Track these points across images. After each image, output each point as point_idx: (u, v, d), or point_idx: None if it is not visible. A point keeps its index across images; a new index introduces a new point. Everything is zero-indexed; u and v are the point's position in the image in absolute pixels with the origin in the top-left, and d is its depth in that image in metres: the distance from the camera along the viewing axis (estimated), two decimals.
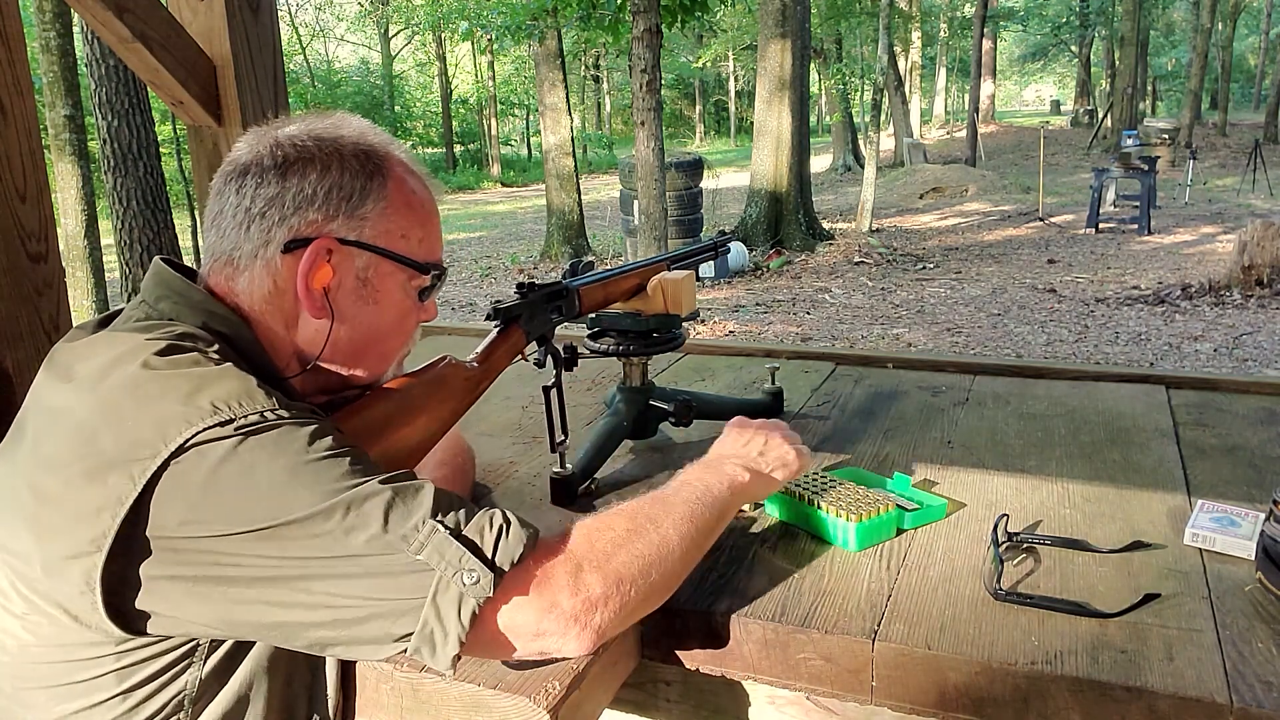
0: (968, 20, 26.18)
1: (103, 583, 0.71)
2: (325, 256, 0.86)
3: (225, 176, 0.88)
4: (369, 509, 0.74)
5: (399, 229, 0.89)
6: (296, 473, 0.74)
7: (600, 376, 2.00)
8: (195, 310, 0.85)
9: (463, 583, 0.75)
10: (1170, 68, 36.05)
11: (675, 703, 1.19)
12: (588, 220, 12.92)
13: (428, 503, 0.77)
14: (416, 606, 0.74)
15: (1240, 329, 6.46)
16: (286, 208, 0.85)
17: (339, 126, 0.90)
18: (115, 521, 0.71)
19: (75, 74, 6.66)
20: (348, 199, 0.86)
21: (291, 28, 29.68)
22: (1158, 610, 1.02)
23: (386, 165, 0.89)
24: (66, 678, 0.76)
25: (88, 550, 0.71)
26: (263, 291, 0.87)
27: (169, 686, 0.78)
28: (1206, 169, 17.00)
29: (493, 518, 0.80)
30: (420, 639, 0.75)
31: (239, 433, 0.74)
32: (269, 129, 0.89)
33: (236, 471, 0.72)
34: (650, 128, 7.25)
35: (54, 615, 0.74)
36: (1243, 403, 1.71)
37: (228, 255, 0.87)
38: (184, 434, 0.72)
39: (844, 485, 1.29)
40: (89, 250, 6.70)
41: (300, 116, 0.92)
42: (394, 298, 0.91)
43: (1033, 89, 56.09)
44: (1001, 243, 11.44)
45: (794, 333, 7.22)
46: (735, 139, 36.02)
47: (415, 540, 0.74)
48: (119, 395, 0.76)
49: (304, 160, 0.85)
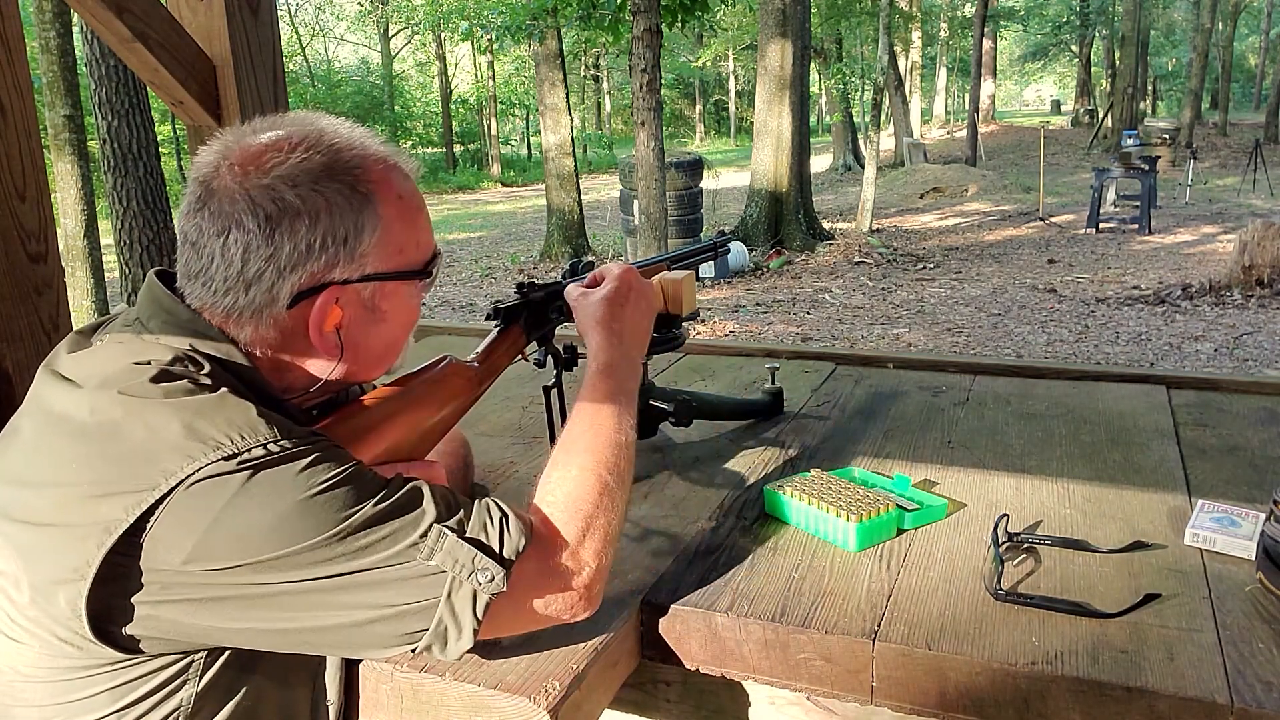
0: (968, 20, 26.18)
1: (88, 609, 0.70)
2: (332, 302, 0.83)
3: (197, 220, 0.81)
4: (377, 529, 0.75)
5: (396, 246, 0.86)
6: (303, 507, 0.73)
7: None
8: (184, 330, 0.82)
9: (478, 581, 0.77)
10: (1170, 67, 36.07)
11: (675, 703, 1.18)
12: (588, 220, 12.91)
13: (431, 509, 0.78)
14: (430, 606, 0.76)
15: (1241, 329, 6.46)
16: (284, 267, 0.80)
17: (304, 149, 0.81)
18: (101, 551, 0.70)
19: (75, 74, 6.66)
20: (344, 242, 0.82)
21: (291, 28, 29.70)
22: (1158, 610, 1.02)
23: (371, 186, 0.83)
24: (60, 697, 0.75)
25: (71, 577, 0.70)
26: (268, 339, 0.84)
27: (164, 704, 0.77)
28: (1207, 169, 17.00)
29: (490, 510, 0.81)
30: (434, 636, 0.77)
31: (243, 468, 0.72)
32: (234, 148, 0.83)
33: (243, 509, 0.71)
34: (650, 128, 7.26)
35: (45, 638, 0.73)
36: (1243, 403, 1.71)
37: (222, 309, 0.82)
38: (185, 469, 0.71)
39: (844, 485, 1.29)
40: (89, 250, 6.70)
41: (265, 124, 0.85)
42: (401, 307, 0.90)
43: (1033, 89, 56.11)
44: (1002, 243, 11.44)
45: (794, 333, 7.22)
46: (735, 139, 36.03)
47: (425, 547, 0.76)
48: (113, 423, 0.74)
49: (289, 215, 0.79)
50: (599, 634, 1.01)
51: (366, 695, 1.01)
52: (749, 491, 1.39)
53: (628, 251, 10.59)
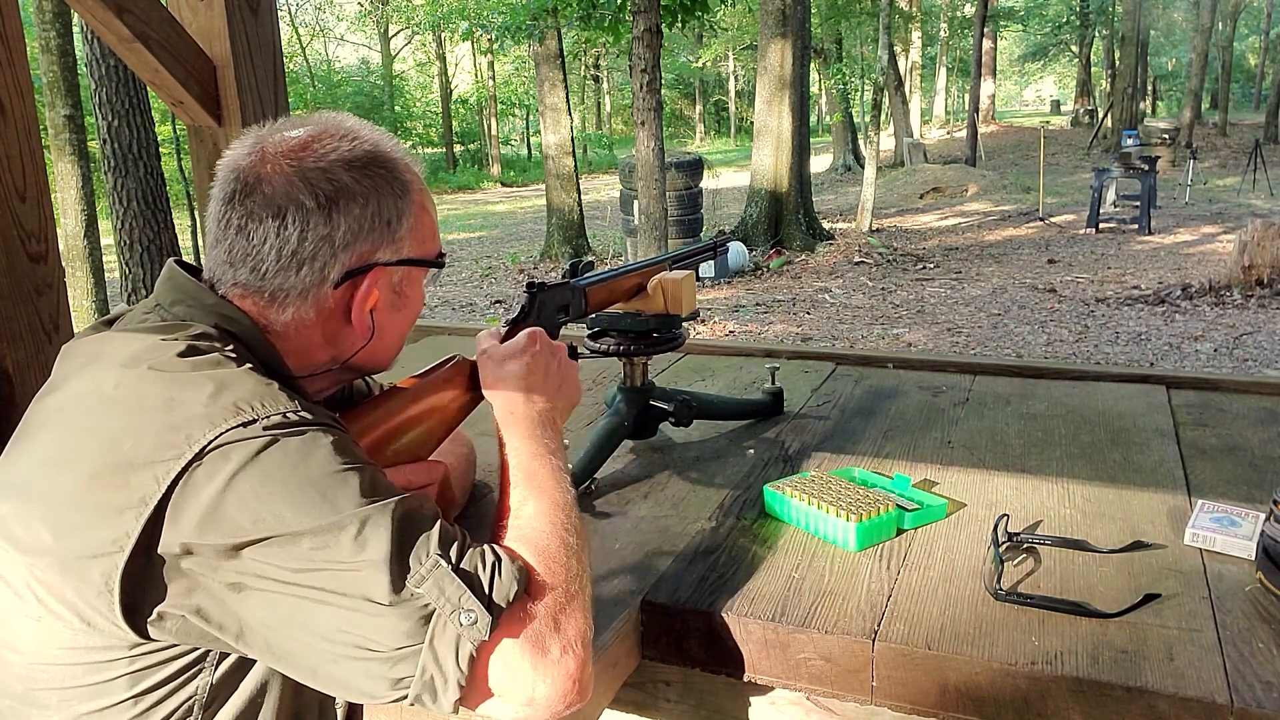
0: (968, 20, 26.18)
1: (121, 584, 0.71)
2: (374, 282, 0.89)
3: (245, 206, 0.84)
4: (383, 529, 0.73)
5: (422, 235, 0.93)
6: (316, 484, 0.73)
7: (600, 376, 2.00)
8: (208, 313, 0.85)
9: (459, 622, 0.73)
10: (1170, 68, 36.05)
11: (675, 703, 1.19)
12: (588, 220, 12.91)
13: (436, 534, 0.76)
14: (415, 652, 0.73)
15: (1240, 329, 6.46)
16: (338, 245, 0.85)
17: (349, 138, 0.88)
18: (139, 522, 0.71)
19: (75, 74, 6.66)
20: (387, 224, 0.88)
21: (291, 28, 29.68)
22: (1158, 610, 1.02)
23: (405, 177, 0.90)
24: (79, 680, 0.76)
25: (109, 550, 0.71)
26: (304, 320, 0.87)
27: (180, 691, 0.77)
28: (1207, 169, 16.99)
29: (484, 555, 0.78)
30: (421, 685, 0.73)
31: (263, 433, 0.74)
32: (270, 142, 0.86)
33: (257, 476, 0.72)
34: (650, 128, 7.25)
35: (68, 619, 0.74)
36: (1243, 403, 1.71)
37: (268, 292, 0.85)
38: (208, 435, 0.73)
39: (844, 485, 1.29)
40: (89, 250, 6.69)
41: (292, 123, 0.89)
42: (417, 296, 0.96)
43: (1033, 89, 56.10)
44: (1002, 243, 11.44)
45: (794, 333, 7.22)
46: (735, 139, 36.02)
47: (418, 572, 0.73)
48: (141, 396, 0.76)
49: (345, 195, 0.85)
50: (599, 634, 1.01)
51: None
52: (749, 491, 1.39)
53: (628, 251, 10.59)
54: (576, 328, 1.50)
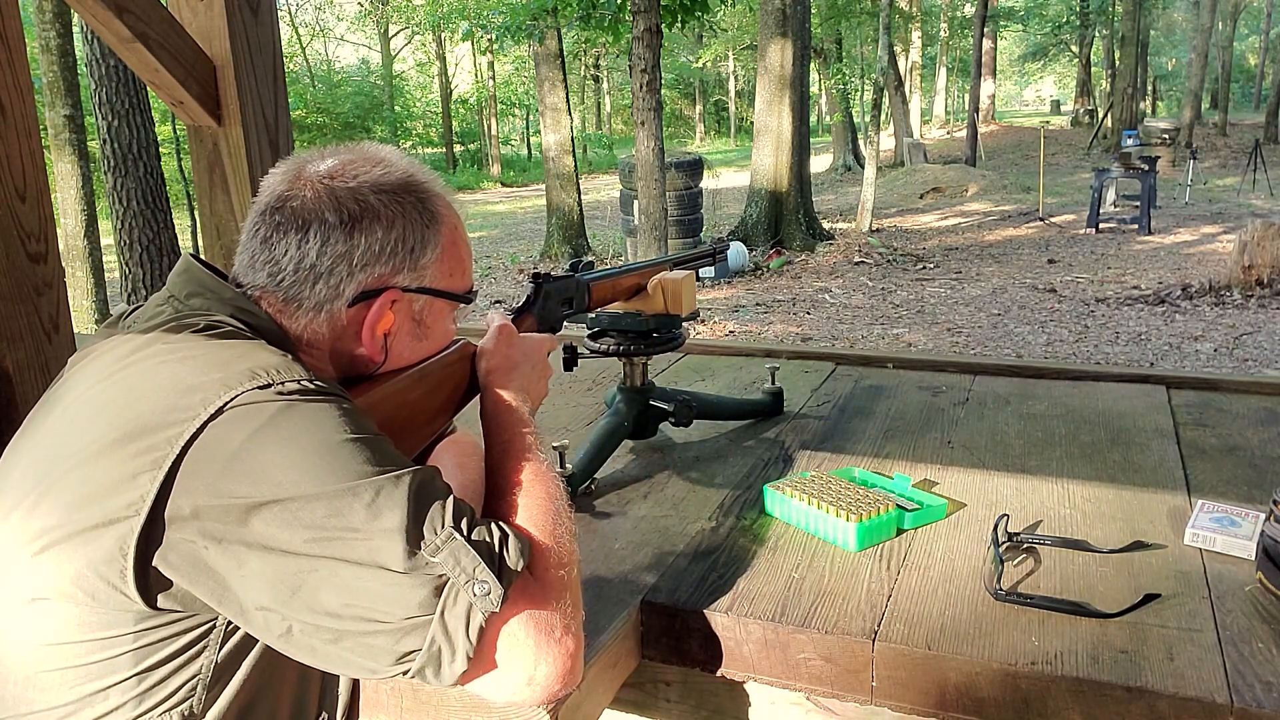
0: (968, 20, 26.17)
1: (136, 548, 0.71)
2: (389, 305, 0.89)
3: (274, 219, 0.87)
4: (398, 497, 0.73)
5: (449, 269, 0.93)
6: (332, 449, 0.73)
7: (600, 376, 2.00)
8: (226, 305, 0.86)
9: (473, 593, 0.74)
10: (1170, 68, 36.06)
11: (675, 703, 1.18)
12: (588, 220, 12.91)
13: (450, 506, 0.76)
14: (425, 623, 0.73)
15: (1240, 329, 6.46)
16: (355, 264, 0.86)
17: (383, 166, 0.90)
18: (154, 485, 0.71)
19: (75, 74, 6.67)
20: (410, 251, 0.89)
21: (291, 28, 29.68)
22: (1158, 610, 1.02)
23: (437, 208, 0.92)
24: (83, 658, 0.75)
25: (125, 515, 0.71)
26: (318, 334, 0.88)
27: (184, 669, 0.77)
28: (1207, 169, 16.99)
29: (490, 528, 0.79)
30: (427, 657, 0.73)
31: (279, 397, 0.74)
32: (309, 165, 0.89)
33: (273, 438, 0.72)
34: (650, 128, 7.25)
35: (75, 594, 0.73)
36: (1243, 403, 1.71)
37: (284, 298, 0.87)
38: (223, 396, 0.73)
39: (844, 485, 1.29)
40: (89, 250, 6.70)
41: (333, 150, 0.92)
42: (442, 328, 0.97)
43: (1033, 89, 56.09)
44: (1002, 243, 11.44)
45: (794, 333, 7.22)
46: (735, 139, 36.01)
47: (433, 541, 0.73)
48: (155, 366, 0.77)
49: (369, 216, 0.86)
50: (599, 634, 1.01)
51: (366, 696, 1.01)
52: (749, 491, 1.39)
53: (628, 251, 10.59)
54: (577, 328, 1.50)
